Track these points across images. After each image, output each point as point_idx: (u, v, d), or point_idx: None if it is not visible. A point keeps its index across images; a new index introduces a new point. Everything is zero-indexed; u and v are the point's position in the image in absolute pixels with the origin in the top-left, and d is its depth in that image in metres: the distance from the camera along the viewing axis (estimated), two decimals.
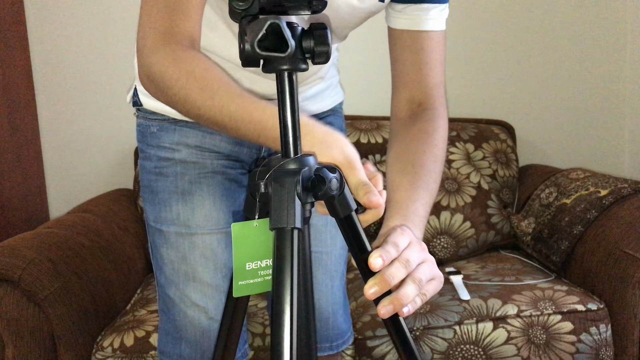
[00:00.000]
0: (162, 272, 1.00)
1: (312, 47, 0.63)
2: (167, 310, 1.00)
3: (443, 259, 1.82)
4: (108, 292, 1.59)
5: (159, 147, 0.99)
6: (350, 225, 0.71)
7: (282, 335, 0.59)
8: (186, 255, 0.97)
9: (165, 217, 0.98)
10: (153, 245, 1.01)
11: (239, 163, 1.02)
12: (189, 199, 0.96)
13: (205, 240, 0.96)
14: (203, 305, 0.96)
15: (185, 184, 0.97)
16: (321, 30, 0.63)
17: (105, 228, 1.74)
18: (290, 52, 0.55)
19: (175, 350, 0.99)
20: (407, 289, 0.66)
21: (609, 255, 1.54)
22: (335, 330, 1.09)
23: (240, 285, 0.73)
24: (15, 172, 2.03)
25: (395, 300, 0.65)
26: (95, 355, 1.44)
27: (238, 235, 0.70)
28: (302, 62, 0.64)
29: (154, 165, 0.99)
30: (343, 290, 1.12)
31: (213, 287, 0.97)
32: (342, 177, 0.67)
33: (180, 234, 0.97)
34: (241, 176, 1.02)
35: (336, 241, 1.07)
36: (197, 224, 0.96)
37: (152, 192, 0.99)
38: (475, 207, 1.88)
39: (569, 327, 1.47)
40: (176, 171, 0.97)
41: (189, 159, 0.97)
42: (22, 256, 1.36)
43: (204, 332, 0.97)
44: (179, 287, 0.97)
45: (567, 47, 2.32)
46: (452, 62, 2.30)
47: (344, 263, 1.12)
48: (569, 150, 2.38)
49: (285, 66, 0.62)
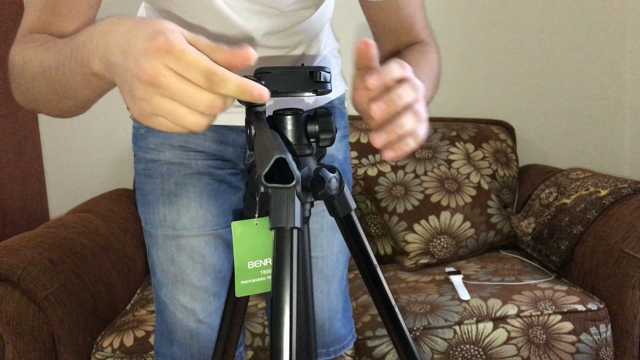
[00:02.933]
0: (154, 274, 0.99)
1: (317, 132, 0.64)
2: (161, 312, 1.00)
3: (443, 259, 1.82)
4: (108, 292, 1.59)
5: (146, 149, 0.98)
6: (350, 224, 0.71)
7: (281, 335, 0.58)
8: (174, 258, 0.96)
9: (154, 219, 0.97)
10: (147, 246, 1.01)
11: (226, 163, 1.00)
12: (175, 200, 0.95)
13: (193, 242, 0.95)
14: (191, 308, 0.96)
15: (171, 185, 0.96)
16: (326, 117, 0.64)
17: (105, 228, 1.74)
18: (295, 183, 0.54)
19: (169, 352, 0.99)
20: (405, 118, 0.59)
21: (609, 255, 1.54)
22: (332, 336, 1.07)
23: (243, 285, 0.73)
24: (16, 172, 2.03)
25: (390, 129, 0.58)
26: (95, 355, 1.44)
27: (239, 233, 0.70)
28: (306, 147, 0.65)
29: (142, 167, 0.99)
30: (343, 294, 1.09)
31: (201, 289, 0.96)
32: (342, 176, 0.67)
33: (167, 236, 0.96)
34: (230, 177, 1.00)
35: (333, 245, 1.05)
36: (183, 226, 0.95)
37: (142, 194, 0.99)
38: (475, 207, 1.88)
39: (569, 327, 1.47)
40: (162, 172, 0.96)
41: (174, 160, 0.96)
42: (22, 256, 1.36)
43: (192, 334, 0.96)
44: (168, 289, 0.97)
45: (567, 47, 2.32)
46: (452, 62, 2.30)
47: (344, 266, 1.09)
48: (569, 150, 2.38)
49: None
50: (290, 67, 0.61)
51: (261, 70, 0.61)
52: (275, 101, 0.95)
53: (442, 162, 1.96)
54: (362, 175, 1.93)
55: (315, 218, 1.01)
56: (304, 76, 0.62)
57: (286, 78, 0.61)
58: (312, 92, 0.63)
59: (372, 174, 1.92)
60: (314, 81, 0.62)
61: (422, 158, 1.97)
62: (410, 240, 1.82)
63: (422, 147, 2.01)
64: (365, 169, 1.94)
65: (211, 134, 0.97)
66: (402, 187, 1.90)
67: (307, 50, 0.98)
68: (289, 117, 0.64)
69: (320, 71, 0.62)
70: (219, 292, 0.98)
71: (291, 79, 0.60)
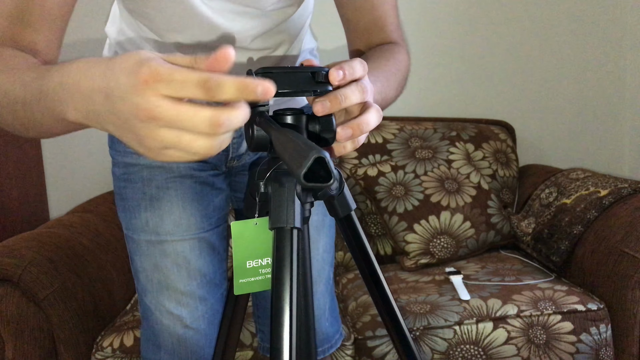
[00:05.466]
0: (138, 280, 0.98)
1: (318, 131, 0.64)
2: (147, 317, 0.98)
3: (443, 259, 1.82)
4: (108, 292, 1.59)
5: (125, 153, 0.96)
6: (350, 225, 0.71)
7: (281, 335, 0.59)
8: (158, 264, 0.94)
9: (135, 225, 0.95)
10: (129, 252, 0.99)
11: (208, 165, 0.99)
12: (157, 205, 0.93)
13: (177, 247, 0.94)
14: (177, 314, 0.95)
15: (152, 189, 0.94)
16: (326, 117, 0.64)
17: (105, 228, 1.74)
18: (332, 182, 0.53)
19: (156, 357, 0.98)
20: (370, 115, 0.61)
21: (609, 255, 1.54)
22: (320, 336, 1.07)
23: (241, 283, 0.73)
24: (16, 172, 2.03)
25: (355, 125, 0.60)
26: (95, 355, 1.44)
27: (237, 233, 0.70)
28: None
29: (122, 171, 0.97)
30: (329, 293, 1.09)
31: (187, 295, 0.95)
32: (342, 176, 0.67)
33: (150, 242, 0.94)
34: (213, 178, 0.99)
35: (318, 245, 1.04)
36: (166, 230, 0.93)
37: (122, 199, 0.97)
38: (475, 207, 1.88)
39: (569, 327, 1.47)
40: (143, 177, 0.94)
41: (154, 164, 0.94)
42: (22, 256, 1.36)
43: (179, 340, 0.96)
44: (153, 295, 0.96)
45: (567, 47, 2.32)
46: (452, 62, 2.30)
47: (330, 266, 1.09)
48: (569, 150, 2.38)
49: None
50: (291, 67, 0.61)
51: (262, 71, 0.61)
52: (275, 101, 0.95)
53: (442, 162, 1.96)
54: (362, 175, 1.93)
55: None
56: (306, 76, 0.62)
57: (288, 78, 0.61)
58: (313, 93, 0.63)
59: (372, 174, 1.92)
60: (315, 81, 0.62)
61: (422, 158, 1.97)
62: (410, 240, 1.82)
63: (422, 147, 2.01)
64: (365, 169, 1.94)
65: None
66: (402, 187, 1.90)
67: (289, 50, 0.98)
68: (289, 117, 0.64)
69: (322, 71, 0.62)
70: (205, 296, 0.97)
71: (293, 79, 0.60)
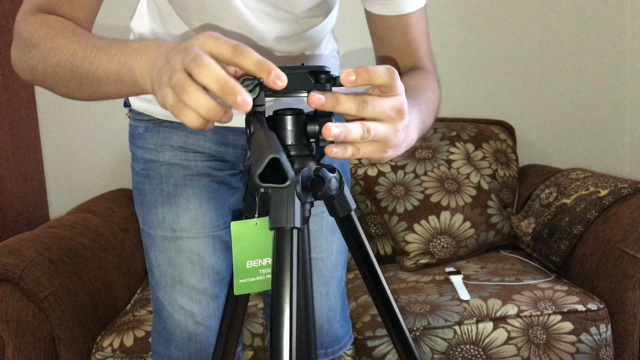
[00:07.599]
0: (152, 274, 0.99)
1: (317, 132, 0.64)
2: (159, 312, 1.00)
3: (443, 259, 1.82)
4: (108, 292, 1.59)
5: (145, 149, 0.97)
6: (350, 225, 0.71)
7: (281, 335, 0.58)
8: (172, 259, 0.95)
9: (152, 220, 0.97)
10: (144, 247, 1.01)
11: (226, 164, 1.00)
12: (174, 202, 0.95)
13: (192, 244, 0.95)
14: (189, 310, 0.96)
15: (170, 186, 0.95)
16: (326, 118, 0.64)
17: (105, 228, 1.74)
18: (289, 183, 0.54)
19: (166, 351, 0.99)
20: (354, 125, 0.58)
21: (609, 255, 1.54)
22: (330, 337, 1.08)
23: (241, 283, 0.74)
24: (16, 172, 2.03)
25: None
26: (95, 355, 1.44)
27: (237, 233, 0.70)
28: (306, 147, 0.65)
29: (141, 167, 0.98)
30: (341, 295, 1.10)
31: (200, 291, 0.96)
32: (342, 176, 0.67)
33: (166, 237, 0.95)
34: (230, 177, 1.00)
35: (332, 246, 1.05)
36: (182, 227, 0.95)
37: (140, 194, 0.98)
38: (475, 207, 1.88)
39: (569, 327, 1.47)
40: (161, 173, 0.96)
41: (173, 161, 0.96)
42: (22, 256, 1.36)
43: (190, 336, 0.96)
44: (166, 290, 0.97)
45: (567, 47, 2.32)
46: (452, 62, 2.30)
47: (342, 267, 1.09)
48: (569, 150, 2.38)
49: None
50: (290, 67, 0.61)
51: None
52: (275, 101, 0.95)
53: (442, 162, 1.96)
54: (362, 175, 1.93)
55: (315, 219, 1.01)
56: (304, 76, 0.62)
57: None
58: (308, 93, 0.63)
59: (372, 174, 1.92)
60: (314, 81, 0.62)
61: (422, 158, 1.97)
62: (410, 240, 1.82)
63: (422, 147, 2.01)
64: (365, 169, 1.94)
65: (211, 135, 0.97)
66: (402, 187, 1.90)
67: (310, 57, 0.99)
68: (289, 117, 0.64)
69: (321, 71, 0.62)
70: (218, 294, 0.97)
71: (291, 79, 0.60)
